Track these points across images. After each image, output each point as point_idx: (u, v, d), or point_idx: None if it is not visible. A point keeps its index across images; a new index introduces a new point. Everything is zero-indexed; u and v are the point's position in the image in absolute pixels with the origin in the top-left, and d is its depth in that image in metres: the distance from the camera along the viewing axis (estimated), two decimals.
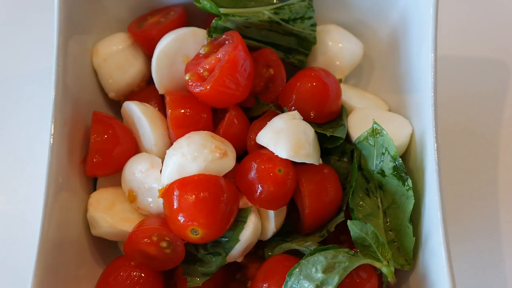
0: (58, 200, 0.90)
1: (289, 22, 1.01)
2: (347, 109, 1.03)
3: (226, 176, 0.91)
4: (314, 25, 1.03)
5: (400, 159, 0.92)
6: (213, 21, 0.98)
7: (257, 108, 1.00)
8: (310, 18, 1.03)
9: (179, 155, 0.89)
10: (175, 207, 0.87)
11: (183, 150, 0.89)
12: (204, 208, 0.86)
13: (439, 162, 0.88)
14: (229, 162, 0.91)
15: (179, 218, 0.86)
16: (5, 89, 1.24)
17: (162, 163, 0.93)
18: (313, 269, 0.82)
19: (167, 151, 0.92)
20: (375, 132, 0.93)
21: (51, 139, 0.90)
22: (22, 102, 1.23)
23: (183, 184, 0.87)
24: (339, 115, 1.02)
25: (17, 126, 1.21)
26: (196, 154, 0.89)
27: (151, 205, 0.94)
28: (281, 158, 0.89)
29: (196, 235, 0.87)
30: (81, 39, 1.01)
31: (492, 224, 1.12)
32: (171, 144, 0.96)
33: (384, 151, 0.93)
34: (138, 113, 0.97)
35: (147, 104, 1.00)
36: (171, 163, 0.90)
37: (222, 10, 0.97)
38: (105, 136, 0.96)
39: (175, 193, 0.87)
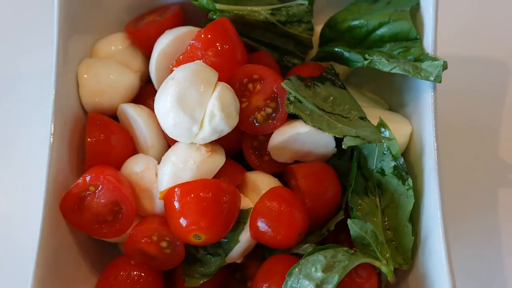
0: (58, 200, 0.90)
1: (286, 24, 1.01)
2: None
3: (223, 176, 0.91)
4: (311, 29, 1.03)
5: (402, 158, 0.92)
6: (209, 14, 0.98)
7: None
8: (307, 22, 1.03)
9: (170, 165, 0.90)
10: (177, 212, 0.87)
11: (172, 159, 0.90)
12: (207, 214, 0.86)
13: (439, 162, 0.88)
14: (219, 158, 0.91)
15: (181, 223, 0.86)
16: (5, 89, 1.24)
17: (159, 164, 0.94)
18: (313, 268, 0.82)
19: (158, 166, 0.93)
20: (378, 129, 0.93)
21: (51, 139, 0.90)
22: (22, 102, 1.23)
23: (185, 189, 0.87)
24: None
25: (17, 126, 1.21)
26: (185, 160, 0.89)
27: (148, 206, 0.94)
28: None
29: (199, 239, 0.87)
30: (81, 39, 1.01)
31: (492, 223, 1.12)
32: (168, 145, 0.96)
33: (386, 151, 0.93)
34: (134, 115, 0.97)
35: (142, 106, 1.00)
36: (165, 175, 0.90)
37: (218, 6, 0.97)
38: (101, 137, 0.95)
39: (176, 198, 0.87)
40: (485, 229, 1.12)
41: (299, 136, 0.92)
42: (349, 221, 0.87)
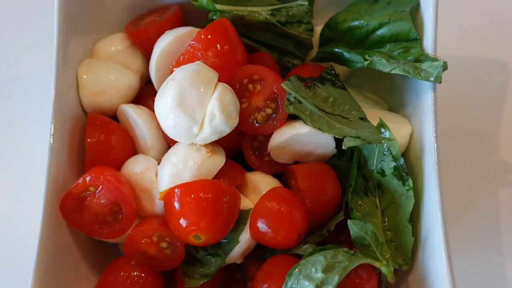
0: (58, 200, 0.90)
1: (286, 25, 1.01)
2: None
3: (223, 176, 0.91)
4: (311, 30, 1.03)
5: (402, 158, 0.92)
6: (209, 15, 0.98)
7: None
8: (307, 22, 1.03)
9: (170, 165, 0.90)
10: (177, 213, 0.87)
11: (172, 159, 0.90)
12: (207, 214, 0.86)
13: (439, 162, 0.88)
14: (219, 159, 0.91)
15: (181, 224, 0.86)
16: (5, 89, 1.24)
17: (159, 164, 0.93)
18: (313, 269, 0.82)
19: (158, 167, 0.93)
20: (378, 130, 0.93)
21: (51, 139, 0.90)
22: (22, 102, 1.23)
23: (185, 189, 0.87)
24: None
25: (17, 126, 1.21)
26: (185, 160, 0.89)
27: (148, 206, 0.94)
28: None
29: (199, 240, 0.87)
30: (81, 39, 1.01)
31: (492, 224, 1.12)
32: (168, 146, 0.96)
33: (386, 151, 0.93)
34: (134, 116, 0.97)
35: (142, 107, 1.00)
36: (165, 176, 0.90)
37: (218, 7, 0.97)
38: (101, 137, 0.95)
39: (176, 199, 0.87)
40: (485, 229, 1.12)
41: (299, 137, 0.92)
42: (349, 221, 0.87)
